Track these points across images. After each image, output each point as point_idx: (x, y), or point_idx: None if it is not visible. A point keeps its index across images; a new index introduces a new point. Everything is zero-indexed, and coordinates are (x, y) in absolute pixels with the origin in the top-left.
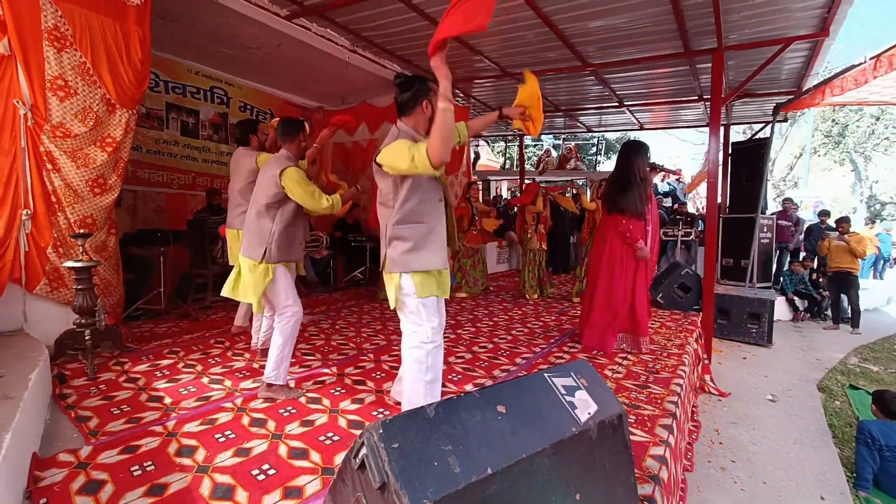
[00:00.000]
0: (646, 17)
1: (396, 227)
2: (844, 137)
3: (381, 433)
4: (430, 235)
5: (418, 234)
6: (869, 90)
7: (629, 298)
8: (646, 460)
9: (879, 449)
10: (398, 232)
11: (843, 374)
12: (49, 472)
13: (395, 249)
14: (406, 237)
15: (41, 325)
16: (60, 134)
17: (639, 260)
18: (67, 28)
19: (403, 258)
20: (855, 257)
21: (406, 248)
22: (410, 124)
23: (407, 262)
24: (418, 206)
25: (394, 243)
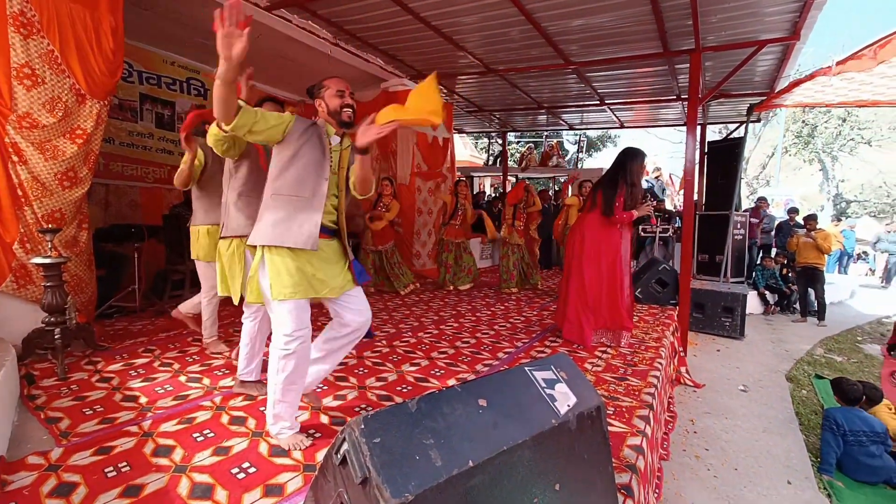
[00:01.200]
0: (627, 17)
1: (272, 195)
2: (813, 138)
3: (363, 428)
4: (303, 209)
5: (291, 205)
6: (835, 93)
7: (605, 294)
8: (623, 450)
9: (843, 434)
10: (269, 202)
11: (809, 365)
12: (17, 476)
13: (261, 219)
14: (276, 207)
15: (8, 323)
16: (27, 125)
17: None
18: (34, 14)
19: (268, 229)
20: (821, 253)
21: (274, 218)
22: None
23: (270, 235)
24: (298, 177)
25: (263, 212)
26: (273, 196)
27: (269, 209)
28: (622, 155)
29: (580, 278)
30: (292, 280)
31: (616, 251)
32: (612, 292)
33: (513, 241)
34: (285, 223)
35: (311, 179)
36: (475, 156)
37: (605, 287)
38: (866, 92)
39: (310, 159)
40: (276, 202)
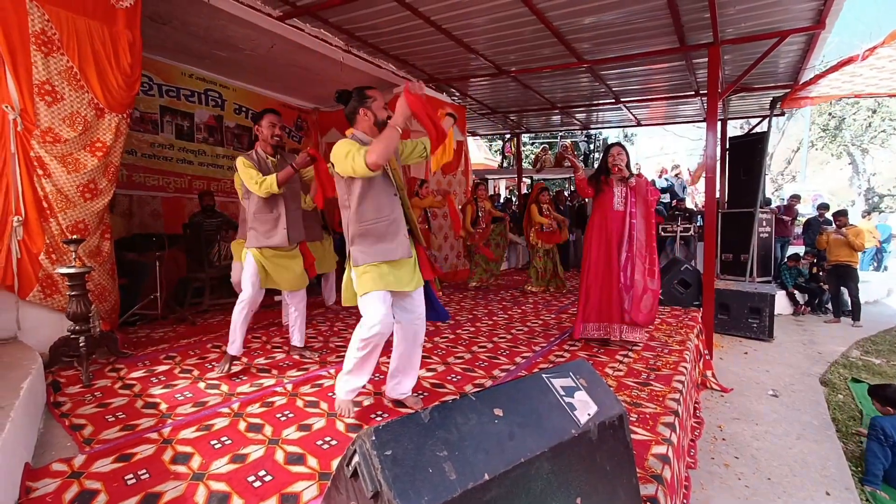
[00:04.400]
0: (640, 13)
1: (358, 224)
2: (841, 131)
3: (374, 440)
4: (390, 228)
5: (379, 228)
6: (865, 83)
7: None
8: (648, 459)
9: (892, 445)
10: (360, 229)
11: (845, 368)
12: (42, 483)
13: (358, 246)
14: (368, 233)
15: (35, 332)
16: (50, 139)
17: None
18: (54, 32)
19: (367, 253)
20: (853, 250)
21: (369, 243)
22: (360, 129)
23: (371, 256)
24: (374, 203)
25: (357, 240)
26: (360, 223)
27: (360, 236)
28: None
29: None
30: (377, 276)
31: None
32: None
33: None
34: (381, 245)
35: (387, 200)
36: (489, 158)
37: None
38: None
39: (379, 181)
40: (366, 229)
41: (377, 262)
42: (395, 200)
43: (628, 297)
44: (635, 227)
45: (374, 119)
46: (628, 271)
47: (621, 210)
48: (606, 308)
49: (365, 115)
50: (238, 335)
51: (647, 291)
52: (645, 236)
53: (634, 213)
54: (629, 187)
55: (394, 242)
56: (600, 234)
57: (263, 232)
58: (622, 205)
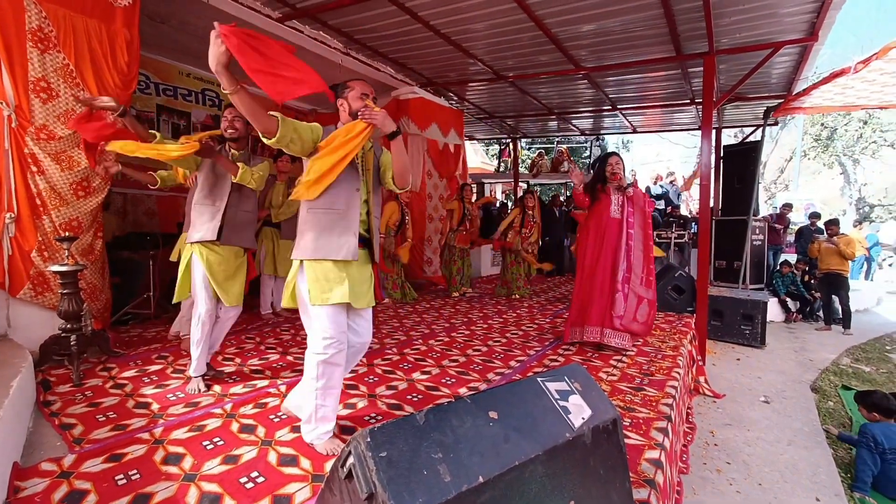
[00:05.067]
0: (638, 21)
1: (305, 210)
2: (833, 141)
3: (369, 441)
4: (338, 222)
5: (325, 220)
6: (856, 95)
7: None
8: (641, 464)
9: (882, 452)
10: (305, 216)
11: (835, 375)
12: (30, 482)
13: (300, 236)
14: (313, 222)
15: (25, 330)
16: (44, 136)
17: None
18: (51, 29)
19: (309, 244)
20: (844, 259)
21: (312, 233)
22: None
23: (312, 249)
24: (331, 191)
25: (301, 228)
26: (309, 211)
27: (307, 223)
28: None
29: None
30: (331, 285)
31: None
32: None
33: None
34: (326, 237)
35: (344, 191)
36: (486, 163)
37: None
38: (889, 94)
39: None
40: (314, 217)
41: (317, 258)
42: (353, 196)
43: (624, 305)
44: (632, 235)
45: (348, 109)
46: (622, 278)
47: (618, 217)
48: (598, 312)
49: (341, 105)
50: (202, 354)
51: (642, 301)
52: (643, 246)
53: (631, 222)
54: (626, 196)
55: (340, 239)
56: (595, 241)
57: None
58: (619, 212)
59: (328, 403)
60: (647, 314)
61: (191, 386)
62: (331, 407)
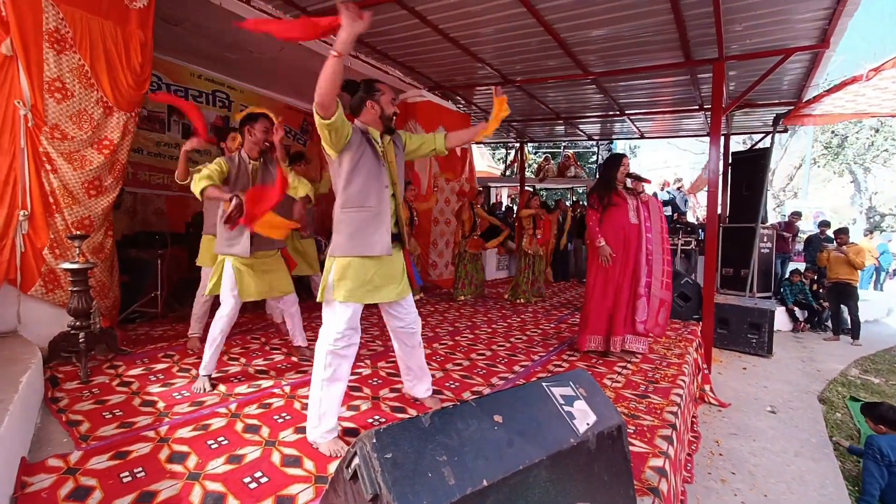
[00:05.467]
0: (647, 27)
1: (339, 211)
2: (844, 149)
3: (374, 443)
4: (372, 220)
5: (359, 219)
6: (868, 102)
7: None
8: (645, 472)
9: (889, 465)
10: (340, 216)
11: (843, 386)
12: (37, 478)
13: (336, 235)
14: (347, 222)
15: (35, 327)
16: (58, 136)
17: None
18: (68, 30)
19: (344, 242)
20: (854, 268)
21: (347, 232)
22: (363, 121)
23: (347, 246)
24: (360, 190)
25: (336, 227)
26: (343, 210)
27: (341, 222)
28: (602, 165)
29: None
30: (356, 284)
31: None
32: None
33: (533, 251)
34: (361, 235)
35: (374, 190)
36: (492, 166)
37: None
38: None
39: (370, 169)
40: (348, 216)
41: (354, 255)
42: (384, 193)
43: (647, 310)
44: (651, 240)
45: (380, 113)
46: (644, 284)
47: (636, 223)
48: (622, 321)
49: (372, 107)
50: (213, 354)
51: (663, 304)
52: (661, 249)
53: (649, 226)
54: (641, 201)
55: (374, 236)
56: (614, 247)
57: (227, 238)
58: (636, 218)
59: (331, 397)
60: (665, 317)
61: (196, 384)
62: (334, 403)
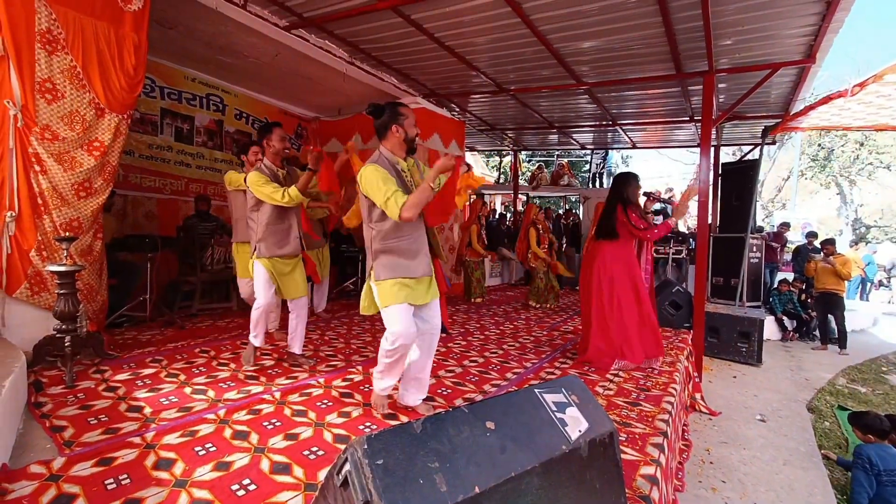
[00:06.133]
0: (639, 39)
1: (381, 241)
2: (830, 161)
3: (366, 449)
4: (413, 246)
5: (402, 246)
6: (852, 116)
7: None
8: (636, 480)
9: (877, 474)
10: (383, 246)
11: (831, 395)
12: (18, 485)
13: (381, 261)
14: (391, 250)
15: (20, 330)
16: (48, 136)
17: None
18: (60, 31)
19: (388, 268)
20: (840, 279)
21: (392, 259)
22: (388, 147)
23: (392, 272)
24: (396, 223)
25: (380, 256)
26: (381, 241)
27: (382, 253)
28: (619, 181)
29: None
30: (397, 289)
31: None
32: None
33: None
34: (403, 263)
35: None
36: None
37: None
38: (885, 116)
39: None
40: (386, 246)
41: (399, 277)
42: (418, 220)
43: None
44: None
45: (404, 136)
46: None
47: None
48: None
49: (396, 131)
50: (260, 328)
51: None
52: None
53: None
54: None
55: (415, 260)
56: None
57: (276, 242)
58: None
59: (393, 373)
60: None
61: (246, 352)
62: (391, 377)
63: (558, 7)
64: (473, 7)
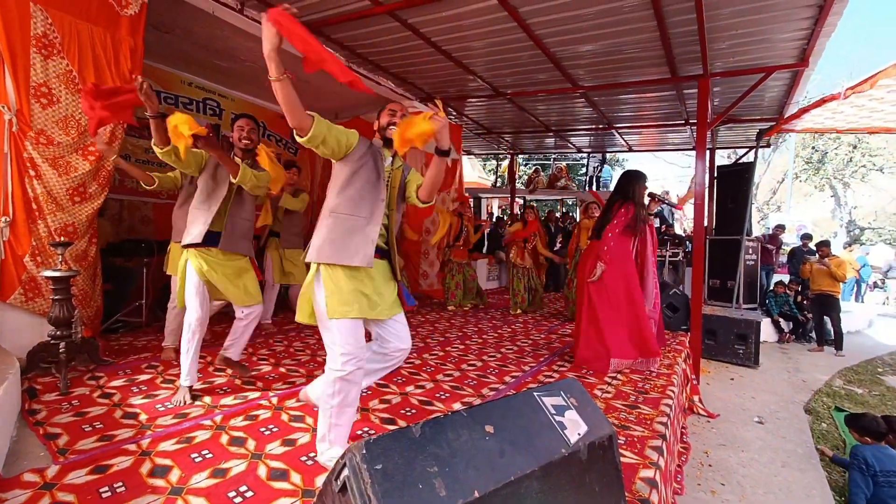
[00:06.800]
0: (634, 43)
1: (330, 213)
2: (824, 164)
3: (364, 454)
4: (358, 228)
5: (346, 223)
6: (845, 119)
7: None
8: (636, 483)
9: (874, 475)
10: (327, 218)
11: (828, 397)
12: (11, 494)
13: (316, 237)
14: (332, 225)
15: (14, 336)
16: (44, 141)
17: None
18: (56, 36)
19: (325, 246)
20: (835, 280)
21: (329, 236)
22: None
23: (328, 253)
24: (355, 197)
25: (319, 229)
26: (332, 214)
27: (326, 227)
28: (625, 178)
29: (593, 307)
30: (350, 298)
31: (627, 276)
32: (635, 319)
33: (523, 263)
34: (343, 241)
35: (369, 200)
36: (483, 177)
37: (624, 315)
38: (877, 119)
39: (367, 179)
40: (335, 220)
41: (332, 262)
42: (378, 206)
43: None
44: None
45: (377, 125)
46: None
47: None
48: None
49: (374, 124)
50: (190, 363)
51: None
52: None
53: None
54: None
55: (357, 245)
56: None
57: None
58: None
59: (343, 423)
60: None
61: (176, 397)
62: (345, 426)
63: (555, 12)
64: (470, 12)
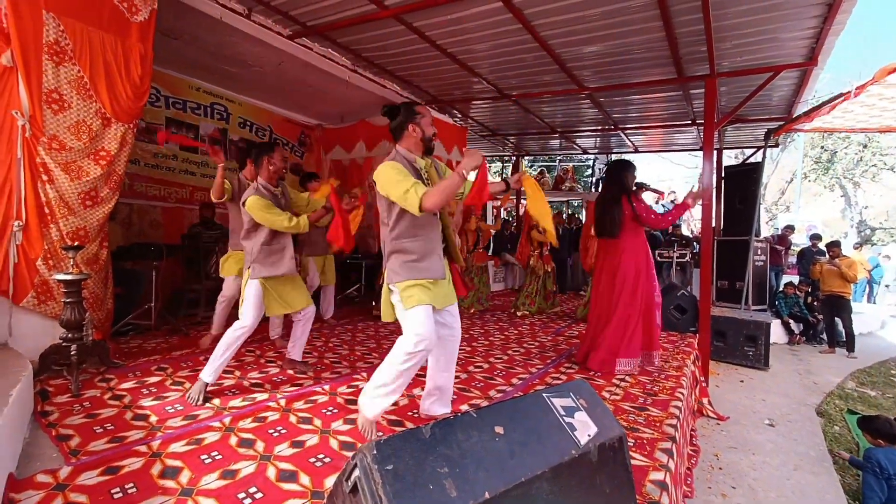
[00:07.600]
0: (640, 44)
1: (394, 241)
2: (833, 164)
3: (375, 454)
4: (426, 247)
5: (415, 247)
6: (855, 119)
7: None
8: (646, 485)
9: (888, 478)
10: (396, 246)
11: (840, 399)
12: (25, 495)
13: (394, 262)
14: (404, 250)
15: (26, 339)
16: (56, 146)
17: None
18: (68, 42)
19: (403, 270)
20: (846, 281)
21: (404, 260)
22: (405, 146)
23: (406, 273)
24: (412, 223)
25: (392, 257)
26: (396, 240)
27: (397, 252)
28: (621, 169)
29: (598, 306)
30: (421, 292)
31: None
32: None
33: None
34: (415, 264)
35: (426, 220)
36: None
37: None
38: (889, 118)
39: None
40: (401, 245)
41: (412, 279)
42: (433, 219)
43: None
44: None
45: (421, 135)
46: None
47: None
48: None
49: (413, 130)
50: (221, 363)
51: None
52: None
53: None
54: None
55: (427, 261)
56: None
57: (270, 263)
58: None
59: (397, 384)
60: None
61: (192, 390)
62: (393, 392)
63: (560, 13)
64: (475, 14)
